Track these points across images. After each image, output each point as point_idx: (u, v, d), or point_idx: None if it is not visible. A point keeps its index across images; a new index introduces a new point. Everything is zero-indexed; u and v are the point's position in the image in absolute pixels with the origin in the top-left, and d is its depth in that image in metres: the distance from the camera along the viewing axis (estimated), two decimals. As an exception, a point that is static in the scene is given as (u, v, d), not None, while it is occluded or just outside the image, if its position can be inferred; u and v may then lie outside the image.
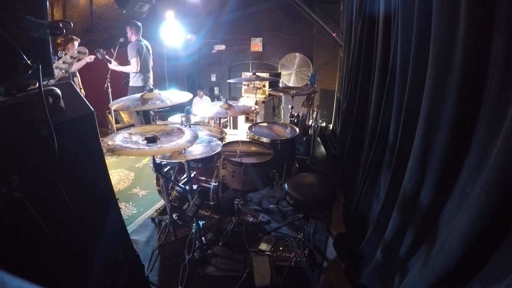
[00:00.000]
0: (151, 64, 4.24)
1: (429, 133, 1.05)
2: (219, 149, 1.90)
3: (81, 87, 3.89)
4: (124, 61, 4.02)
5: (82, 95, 1.10)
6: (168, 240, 2.17)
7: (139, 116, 4.02)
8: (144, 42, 4.09)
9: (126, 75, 4.11)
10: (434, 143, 1.03)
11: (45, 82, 1.30)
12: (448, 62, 0.93)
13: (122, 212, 2.33)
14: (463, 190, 0.86)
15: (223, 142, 2.31)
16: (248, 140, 2.52)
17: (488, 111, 0.78)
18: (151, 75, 4.23)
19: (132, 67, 3.96)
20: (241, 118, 4.82)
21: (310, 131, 3.57)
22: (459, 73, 0.87)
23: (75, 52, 1.92)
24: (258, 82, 3.89)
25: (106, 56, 4.05)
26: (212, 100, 6.81)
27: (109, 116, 4.68)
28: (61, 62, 1.83)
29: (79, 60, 2.67)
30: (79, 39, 3.85)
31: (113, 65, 4.03)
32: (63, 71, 1.84)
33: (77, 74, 3.78)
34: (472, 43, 0.82)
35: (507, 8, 0.69)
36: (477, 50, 0.81)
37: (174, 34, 5.99)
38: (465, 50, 0.84)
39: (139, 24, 4.05)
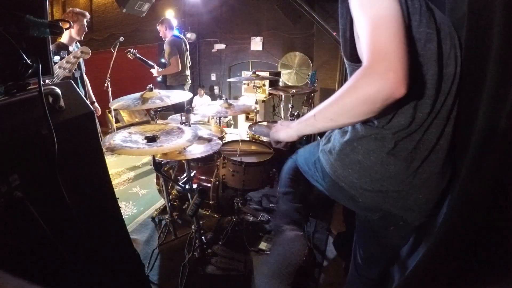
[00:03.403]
0: (189, 61, 3.98)
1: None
2: (219, 148, 1.91)
3: (94, 100, 3.21)
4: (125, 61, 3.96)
5: (81, 94, 1.10)
6: (168, 239, 2.17)
7: None
8: (182, 37, 3.83)
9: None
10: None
11: (48, 81, 1.31)
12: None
13: (122, 211, 2.33)
14: (461, 189, 0.86)
15: (223, 141, 2.31)
16: (248, 139, 2.52)
17: (487, 110, 0.78)
18: (189, 73, 3.96)
19: (173, 67, 3.65)
20: (241, 117, 4.82)
21: (310, 130, 3.56)
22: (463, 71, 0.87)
23: (78, 52, 1.91)
24: (258, 81, 3.89)
25: (147, 61, 3.71)
26: (212, 99, 6.80)
27: (109, 115, 4.68)
28: (64, 62, 1.83)
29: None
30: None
31: (156, 71, 3.74)
32: (67, 70, 1.84)
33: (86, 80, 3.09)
34: (473, 41, 0.82)
35: (507, 7, 0.69)
36: (477, 49, 0.81)
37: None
38: (466, 49, 0.84)
39: (169, 18, 3.81)
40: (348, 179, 0.94)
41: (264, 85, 4.67)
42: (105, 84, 4.02)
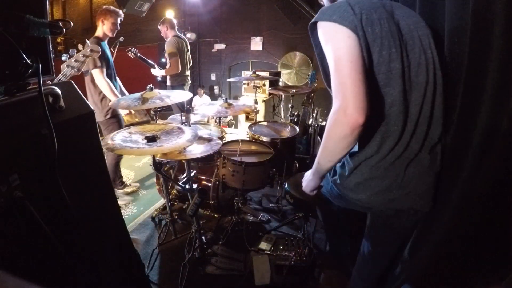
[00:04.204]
0: (189, 61, 3.99)
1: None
2: (218, 148, 1.91)
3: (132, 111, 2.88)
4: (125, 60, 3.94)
5: (82, 94, 1.10)
6: (168, 239, 2.17)
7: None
8: (182, 37, 3.84)
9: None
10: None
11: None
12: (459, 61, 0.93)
13: (122, 211, 2.34)
14: (463, 189, 0.86)
15: (223, 141, 2.31)
16: (248, 139, 2.52)
17: (488, 110, 0.78)
18: (189, 73, 3.97)
19: (173, 68, 3.65)
20: (241, 117, 4.82)
21: (310, 130, 3.56)
22: (463, 73, 0.87)
23: (88, 50, 1.86)
24: (258, 81, 3.89)
25: (148, 60, 3.69)
26: (212, 99, 6.79)
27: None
28: (73, 60, 1.78)
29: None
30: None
31: (157, 71, 3.73)
32: (75, 69, 1.79)
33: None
34: (475, 42, 0.82)
35: (507, 8, 0.69)
36: (478, 49, 0.81)
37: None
38: (469, 50, 0.84)
39: (170, 18, 3.83)
40: (358, 197, 1.07)
41: (264, 85, 4.66)
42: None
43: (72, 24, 0.98)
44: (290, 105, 3.13)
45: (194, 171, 2.22)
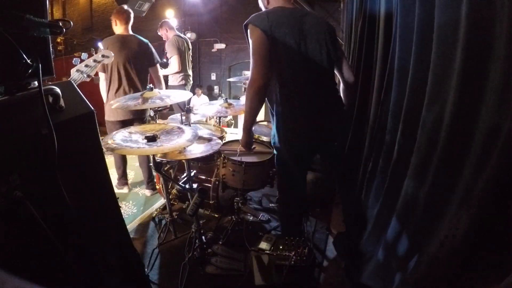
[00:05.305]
0: (190, 60, 4.00)
1: (433, 133, 1.05)
2: (219, 148, 1.90)
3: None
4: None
5: (82, 94, 1.09)
6: (168, 239, 2.17)
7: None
8: (183, 37, 3.85)
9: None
10: (437, 144, 1.02)
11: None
12: (452, 61, 0.93)
13: (122, 211, 2.33)
14: (464, 190, 0.86)
15: (223, 141, 2.31)
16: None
17: (489, 110, 0.78)
18: (191, 72, 3.98)
19: (173, 67, 3.65)
20: (241, 117, 4.81)
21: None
22: (460, 73, 0.87)
23: (99, 55, 1.79)
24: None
25: None
26: (211, 99, 6.79)
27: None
28: (83, 65, 1.72)
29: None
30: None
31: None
32: (85, 75, 1.70)
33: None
34: (473, 42, 0.81)
35: (508, 7, 0.69)
36: (478, 49, 0.80)
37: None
38: (467, 50, 0.84)
39: (166, 20, 3.85)
40: (291, 144, 1.61)
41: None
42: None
43: (72, 24, 0.98)
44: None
45: (194, 171, 2.22)
